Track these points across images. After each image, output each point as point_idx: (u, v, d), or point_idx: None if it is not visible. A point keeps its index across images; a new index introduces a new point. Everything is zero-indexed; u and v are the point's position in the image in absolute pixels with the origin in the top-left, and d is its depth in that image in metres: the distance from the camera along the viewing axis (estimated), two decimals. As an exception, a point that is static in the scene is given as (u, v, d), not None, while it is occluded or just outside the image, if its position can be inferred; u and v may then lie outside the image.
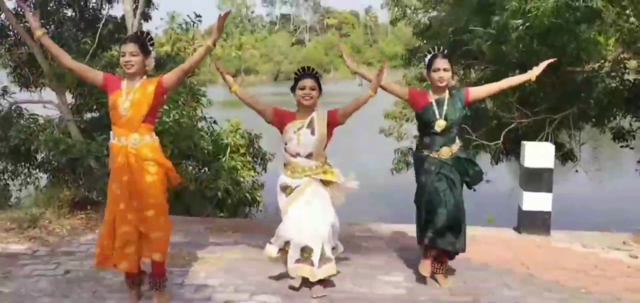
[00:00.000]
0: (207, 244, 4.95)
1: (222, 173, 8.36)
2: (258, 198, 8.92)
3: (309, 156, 3.76)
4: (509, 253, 4.78)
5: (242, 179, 8.82)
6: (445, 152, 3.84)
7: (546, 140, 8.49)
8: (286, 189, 3.82)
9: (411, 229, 5.53)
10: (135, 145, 3.48)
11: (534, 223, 5.30)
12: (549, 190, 5.28)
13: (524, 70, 9.28)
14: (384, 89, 3.96)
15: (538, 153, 5.33)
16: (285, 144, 3.82)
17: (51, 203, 5.95)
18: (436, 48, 3.95)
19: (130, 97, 3.49)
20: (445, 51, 3.93)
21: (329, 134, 3.82)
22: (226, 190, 8.11)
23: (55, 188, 7.41)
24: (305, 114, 3.80)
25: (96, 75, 3.63)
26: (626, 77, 9.33)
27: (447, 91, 3.86)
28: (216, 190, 7.98)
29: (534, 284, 4.11)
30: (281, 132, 3.86)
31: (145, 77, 3.59)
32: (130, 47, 3.50)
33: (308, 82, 3.78)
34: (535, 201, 5.28)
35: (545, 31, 7.68)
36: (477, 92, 4.01)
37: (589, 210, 11.97)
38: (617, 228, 5.57)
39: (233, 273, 4.26)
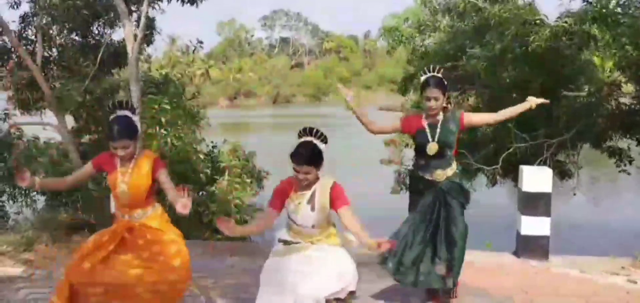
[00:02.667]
0: (204, 268, 4.92)
1: (220, 196, 8.36)
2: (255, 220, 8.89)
3: (312, 226, 3.50)
4: (508, 279, 4.76)
5: (239, 201, 8.81)
6: (439, 175, 3.85)
7: (544, 164, 8.53)
8: (285, 242, 3.57)
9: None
10: (138, 218, 3.52)
11: (532, 248, 5.29)
12: (547, 214, 5.28)
13: (520, 93, 9.42)
14: (379, 132, 3.99)
15: (536, 178, 5.34)
16: (288, 211, 3.53)
17: (48, 226, 5.93)
18: (431, 68, 3.89)
19: (126, 179, 3.48)
20: (440, 71, 3.88)
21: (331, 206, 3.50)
22: (224, 213, 8.09)
23: (52, 211, 7.41)
24: (305, 187, 3.44)
25: (87, 169, 3.60)
26: (622, 100, 9.41)
27: (441, 114, 3.86)
28: (213, 214, 7.96)
29: (533, 310, 4.09)
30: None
31: (137, 150, 3.55)
32: (123, 143, 3.43)
33: (301, 169, 3.32)
34: (534, 225, 5.27)
35: (542, 55, 7.77)
36: (472, 117, 4.02)
37: (588, 234, 11.95)
38: (616, 253, 5.55)
39: (230, 298, 4.23)
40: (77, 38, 9.81)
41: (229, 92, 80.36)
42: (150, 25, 9.73)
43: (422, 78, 3.90)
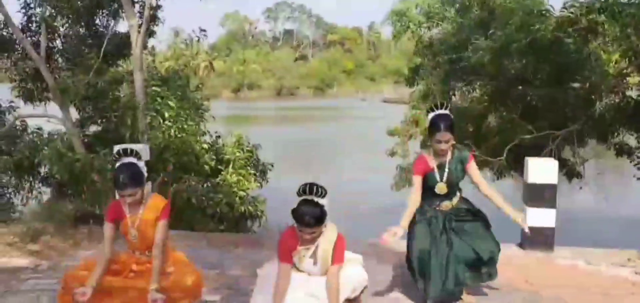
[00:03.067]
0: (208, 259, 4.94)
1: (224, 188, 8.37)
2: (260, 212, 8.92)
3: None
4: (512, 270, 4.74)
5: (244, 193, 8.83)
6: (446, 206, 3.87)
7: (549, 156, 8.48)
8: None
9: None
10: (149, 257, 3.54)
11: (537, 239, 5.27)
12: (553, 206, 5.26)
13: (525, 85, 9.36)
14: (418, 197, 3.85)
15: (541, 169, 5.31)
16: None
17: (54, 217, 5.96)
18: (439, 105, 3.84)
19: (136, 225, 3.54)
20: (447, 108, 3.83)
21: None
22: (228, 204, 8.11)
23: (58, 203, 7.44)
24: (309, 241, 3.38)
25: (108, 231, 3.56)
26: (628, 92, 9.34)
27: (449, 152, 3.81)
28: (217, 205, 7.98)
29: (537, 301, 4.08)
30: None
31: (146, 194, 3.57)
32: (129, 191, 3.44)
33: (307, 230, 3.24)
34: (539, 217, 5.26)
35: (548, 46, 7.71)
36: (474, 170, 3.86)
37: (593, 226, 11.91)
38: (622, 245, 5.53)
39: (234, 288, 4.25)
40: (80, 29, 9.81)
41: (232, 85, 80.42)
42: (154, 15, 9.72)
43: (430, 117, 3.82)
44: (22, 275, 4.52)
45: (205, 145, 8.85)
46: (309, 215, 3.18)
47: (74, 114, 9.38)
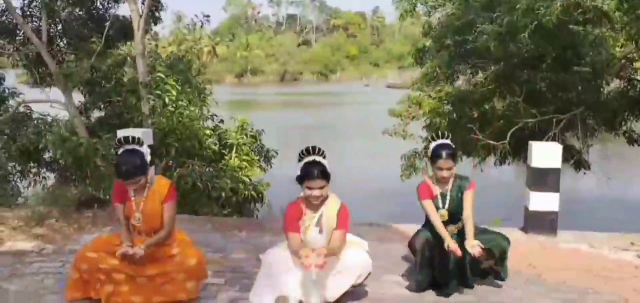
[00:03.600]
0: (213, 243, 4.96)
1: (227, 173, 8.39)
2: (263, 196, 8.94)
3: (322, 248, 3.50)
4: (515, 253, 4.73)
5: (247, 178, 8.85)
6: (451, 230, 3.88)
7: (554, 140, 8.45)
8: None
9: (413, 229, 5.52)
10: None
11: (540, 223, 5.27)
12: (556, 190, 5.24)
13: (530, 69, 9.27)
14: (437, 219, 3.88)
15: (545, 153, 5.29)
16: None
17: (58, 201, 5.99)
18: (441, 134, 3.93)
19: (141, 208, 3.56)
20: (448, 138, 3.91)
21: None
22: (231, 189, 8.13)
23: (62, 187, 7.47)
24: (314, 208, 3.51)
25: (117, 211, 3.65)
26: (634, 77, 9.27)
27: (450, 181, 3.89)
28: (221, 190, 8.00)
29: (541, 284, 4.08)
30: None
31: (150, 177, 3.59)
32: (133, 182, 3.47)
33: (317, 183, 3.41)
34: (542, 201, 5.24)
35: (554, 30, 7.63)
36: (468, 199, 3.87)
37: (596, 210, 11.90)
38: (625, 229, 5.52)
39: (238, 272, 4.26)
40: (81, 13, 9.77)
41: (236, 70, 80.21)
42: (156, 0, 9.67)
43: (432, 146, 3.92)
44: (27, 259, 4.56)
45: (208, 131, 8.85)
46: (316, 168, 3.42)
47: (77, 98, 9.39)
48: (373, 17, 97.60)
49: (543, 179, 5.23)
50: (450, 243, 3.67)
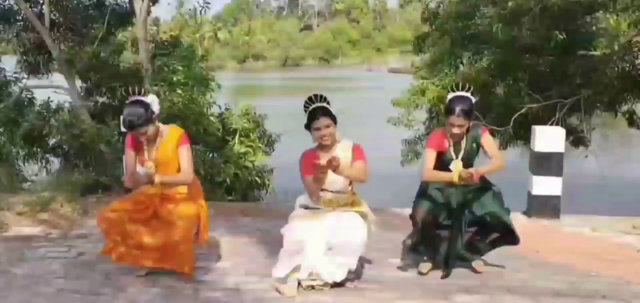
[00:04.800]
0: (217, 228, 4.99)
1: (232, 158, 8.41)
2: (267, 181, 8.97)
3: (337, 192, 3.66)
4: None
5: (251, 164, 8.87)
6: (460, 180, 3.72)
7: (557, 124, 8.44)
8: (305, 207, 3.73)
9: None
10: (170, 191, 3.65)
11: (543, 207, 5.29)
12: (559, 174, 5.26)
13: (534, 55, 9.22)
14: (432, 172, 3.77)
15: (548, 137, 5.29)
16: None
17: (63, 187, 6.02)
18: (461, 86, 3.77)
19: (154, 156, 3.62)
20: (469, 90, 3.74)
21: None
22: (235, 175, 8.16)
23: (67, 173, 7.50)
24: (327, 150, 3.63)
25: (130, 155, 3.71)
26: (637, 60, 9.22)
27: (464, 135, 3.75)
28: (226, 175, 8.03)
29: (543, 268, 4.11)
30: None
31: (160, 127, 3.65)
32: (138, 131, 3.51)
33: (322, 122, 3.56)
34: (545, 185, 5.26)
35: (559, 13, 7.58)
36: (488, 142, 3.78)
37: (599, 194, 11.90)
38: (627, 213, 5.54)
39: (243, 256, 4.30)
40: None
41: (238, 55, 79.96)
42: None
43: (448, 97, 3.75)
44: (34, 243, 4.60)
45: (211, 116, 8.86)
46: (320, 108, 3.58)
47: (78, 85, 9.37)
48: (375, 1, 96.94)
49: (546, 163, 5.24)
50: (461, 174, 3.59)
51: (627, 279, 3.91)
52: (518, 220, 5.20)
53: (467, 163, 3.74)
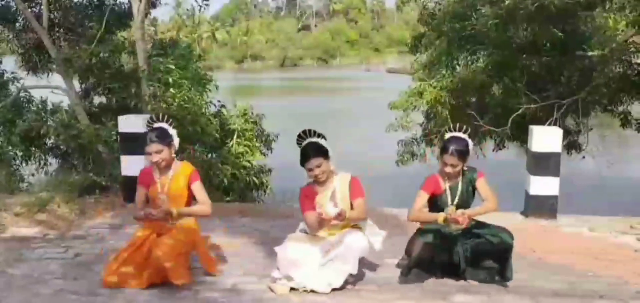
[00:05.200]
0: (215, 228, 4.99)
1: (229, 159, 8.41)
2: (265, 182, 8.96)
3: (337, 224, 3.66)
4: (517, 238, 4.73)
5: (248, 164, 8.87)
6: (456, 229, 3.69)
7: (554, 125, 8.47)
8: (305, 232, 3.76)
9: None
10: (171, 226, 3.72)
11: (541, 207, 5.30)
12: (556, 174, 5.27)
13: (530, 55, 9.24)
14: (417, 215, 3.78)
15: (545, 138, 5.30)
16: None
17: (61, 187, 6.01)
18: (457, 127, 3.76)
19: (166, 189, 3.72)
20: (466, 132, 3.74)
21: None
22: (233, 175, 8.16)
23: (64, 174, 7.49)
24: (324, 187, 3.66)
25: (141, 192, 3.82)
26: (634, 60, 9.26)
27: (460, 175, 3.74)
28: (223, 176, 8.03)
29: (541, 268, 4.12)
30: None
31: (175, 161, 3.77)
32: (154, 147, 3.63)
33: (313, 163, 3.57)
34: (542, 185, 5.27)
35: (556, 13, 7.60)
36: (483, 186, 3.74)
37: (596, 194, 11.94)
38: (625, 213, 5.55)
39: (241, 257, 4.30)
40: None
41: (236, 56, 79.90)
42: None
43: (445, 137, 3.77)
44: (31, 244, 4.59)
45: (209, 116, 8.85)
46: (309, 148, 3.59)
47: (77, 85, 9.36)
48: (373, 1, 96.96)
49: (543, 163, 5.25)
50: (449, 214, 3.58)
51: (626, 279, 3.91)
52: (515, 220, 5.23)
53: (462, 208, 3.69)
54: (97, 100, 9.47)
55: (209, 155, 8.40)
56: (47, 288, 3.72)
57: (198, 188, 3.77)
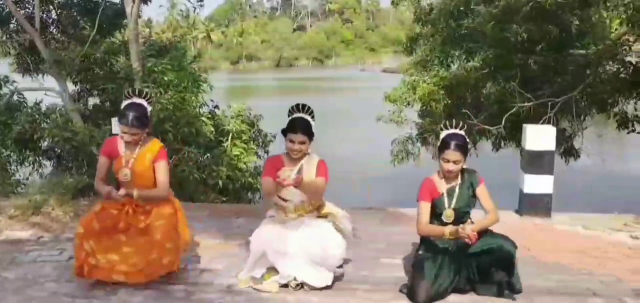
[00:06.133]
0: (210, 229, 4.98)
1: (224, 160, 8.39)
2: (260, 183, 8.94)
3: (301, 203, 3.66)
4: (511, 237, 4.77)
5: (244, 165, 8.85)
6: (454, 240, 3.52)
7: (548, 123, 8.49)
8: (274, 218, 3.73)
9: (412, 212, 5.56)
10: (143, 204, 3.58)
11: (535, 205, 5.31)
12: (550, 172, 5.28)
13: (525, 54, 9.26)
14: (427, 228, 3.58)
15: (539, 136, 5.32)
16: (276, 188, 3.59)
17: (55, 190, 5.98)
18: (454, 124, 3.57)
19: (131, 164, 3.55)
20: (462, 128, 3.55)
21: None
22: (228, 177, 8.14)
23: (59, 176, 7.46)
24: (293, 162, 3.62)
25: (102, 162, 3.65)
26: (628, 58, 9.30)
27: (459, 177, 3.56)
28: (218, 178, 8.01)
29: (536, 266, 4.13)
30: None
31: (143, 137, 3.59)
32: (133, 131, 3.49)
33: (298, 137, 3.54)
34: (537, 184, 5.28)
35: (551, 11, 7.62)
36: (484, 195, 3.56)
37: (591, 192, 11.99)
38: (618, 210, 5.58)
39: (236, 258, 4.28)
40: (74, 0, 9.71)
41: (231, 56, 79.85)
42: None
43: (442, 135, 3.57)
44: (25, 247, 4.57)
45: (204, 118, 8.84)
46: (300, 122, 3.58)
47: (70, 87, 9.33)
48: (368, 1, 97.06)
49: (537, 162, 5.27)
50: (460, 230, 3.38)
51: (620, 277, 3.93)
52: (510, 219, 5.24)
53: (460, 212, 3.57)
54: (91, 102, 9.43)
55: (206, 157, 8.38)
56: (41, 291, 3.70)
57: (160, 168, 3.58)
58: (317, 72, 70.99)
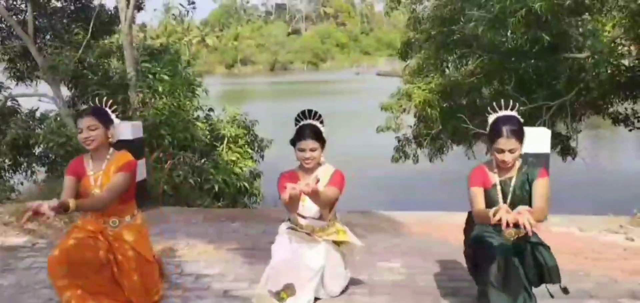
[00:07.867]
0: (205, 234, 4.97)
1: (220, 165, 8.38)
2: (256, 188, 8.94)
3: (319, 218, 3.46)
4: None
5: (239, 170, 8.84)
6: (509, 233, 3.03)
7: (543, 126, 8.53)
8: (292, 229, 3.50)
9: (409, 216, 5.57)
10: (113, 227, 3.25)
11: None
12: (546, 175, 5.29)
13: (519, 58, 9.29)
14: (481, 209, 2.99)
15: (534, 138, 5.32)
16: None
17: (49, 197, 5.93)
18: (504, 105, 3.12)
19: (99, 182, 3.20)
20: (514, 109, 3.10)
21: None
22: (224, 181, 8.13)
23: (53, 181, 7.43)
24: (307, 174, 3.38)
25: (68, 183, 3.22)
26: (622, 61, 9.36)
27: (515, 168, 3.05)
28: (214, 182, 8.00)
29: (531, 268, 4.13)
30: None
31: (111, 151, 3.28)
32: (88, 121, 3.16)
33: (308, 144, 3.32)
34: (532, 186, 5.28)
35: (545, 16, 7.66)
36: (539, 187, 2.98)
37: (586, 194, 12.03)
38: (614, 212, 5.60)
39: (232, 263, 4.27)
40: (66, 4, 9.68)
41: (226, 60, 79.88)
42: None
43: (491, 119, 3.07)
44: (20, 254, 4.54)
45: (199, 122, 8.83)
46: (309, 129, 3.36)
47: (65, 92, 9.30)
48: (362, 4, 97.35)
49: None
50: (499, 214, 2.56)
51: (615, 278, 3.94)
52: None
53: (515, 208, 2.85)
54: (85, 107, 9.41)
55: (203, 162, 8.37)
56: (36, 298, 3.67)
57: (116, 178, 3.14)
58: (312, 75, 71.07)
